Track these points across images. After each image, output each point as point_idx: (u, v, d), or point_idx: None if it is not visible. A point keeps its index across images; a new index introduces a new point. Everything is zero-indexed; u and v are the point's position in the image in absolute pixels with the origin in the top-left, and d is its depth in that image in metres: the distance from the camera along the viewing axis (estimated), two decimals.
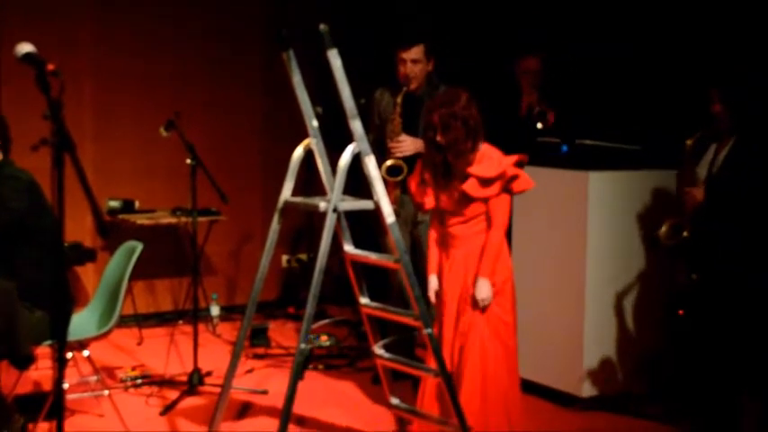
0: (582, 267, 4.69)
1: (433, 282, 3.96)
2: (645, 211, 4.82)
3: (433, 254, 4.02)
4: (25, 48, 2.74)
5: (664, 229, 4.36)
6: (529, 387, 4.59)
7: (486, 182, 3.81)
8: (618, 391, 4.83)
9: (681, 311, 4.50)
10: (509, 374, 3.90)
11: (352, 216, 3.75)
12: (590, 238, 4.68)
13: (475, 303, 3.83)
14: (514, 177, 3.83)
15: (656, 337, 4.89)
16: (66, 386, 3.14)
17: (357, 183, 3.74)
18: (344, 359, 5.54)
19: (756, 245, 3.99)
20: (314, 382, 5.11)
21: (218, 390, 4.16)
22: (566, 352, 4.76)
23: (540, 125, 5.23)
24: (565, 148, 4.87)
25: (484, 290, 3.82)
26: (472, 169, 3.83)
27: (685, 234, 4.23)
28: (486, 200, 3.84)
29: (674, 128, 4.82)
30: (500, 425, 3.85)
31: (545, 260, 4.82)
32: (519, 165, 3.84)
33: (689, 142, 4.23)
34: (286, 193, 3.81)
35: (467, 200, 3.85)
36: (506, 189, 3.84)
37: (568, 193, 4.75)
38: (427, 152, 3.95)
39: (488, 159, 3.84)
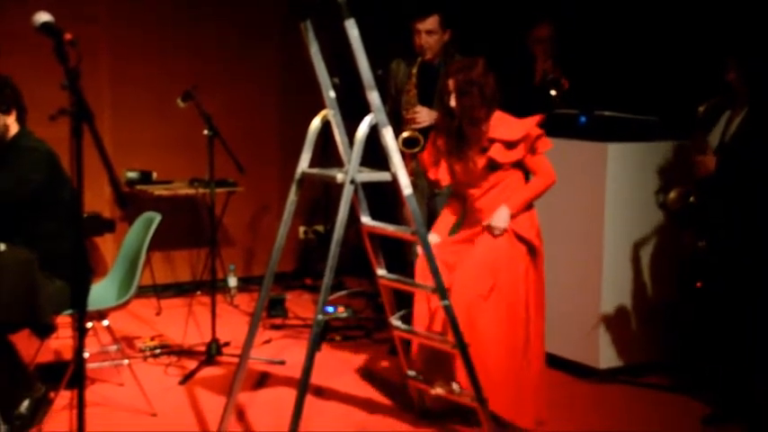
0: (600, 239, 4.67)
1: (431, 237, 3.91)
2: (664, 183, 4.79)
3: (444, 216, 4.02)
4: (43, 17, 2.73)
5: (672, 194, 4.39)
6: (545, 359, 4.58)
7: (511, 144, 3.78)
8: (636, 362, 4.83)
9: (699, 284, 4.47)
10: (536, 340, 3.90)
11: (368, 188, 3.75)
12: (608, 210, 4.66)
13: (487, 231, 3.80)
14: (539, 137, 3.81)
15: (676, 308, 4.87)
16: (86, 355, 3.16)
17: (374, 154, 3.73)
18: (361, 331, 5.55)
19: (763, 218, 3.95)
20: (331, 353, 5.13)
21: (236, 360, 4.18)
22: (583, 323, 4.75)
23: (553, 92, 5.18)
24: (583, 119, 4.83)
25: (503, 216, 3.78)
26: (495, 133, 3.79)
27: (692, 200, 4.22)
28: (515, 164, 3.80)
29: (693, 98, 4.77)
30: (523, 391, 3.86)
31: (563, 232, 4.80)
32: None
33: (701, 109, 4.19)
34: (303, 164, 3.81)
35: (490, 167, 3.81)
36: (531, 150, 3.81)
37: (587, 164, 4.72)
38: (441, 118, 3.92)
39: (506, 123, 3.81)
